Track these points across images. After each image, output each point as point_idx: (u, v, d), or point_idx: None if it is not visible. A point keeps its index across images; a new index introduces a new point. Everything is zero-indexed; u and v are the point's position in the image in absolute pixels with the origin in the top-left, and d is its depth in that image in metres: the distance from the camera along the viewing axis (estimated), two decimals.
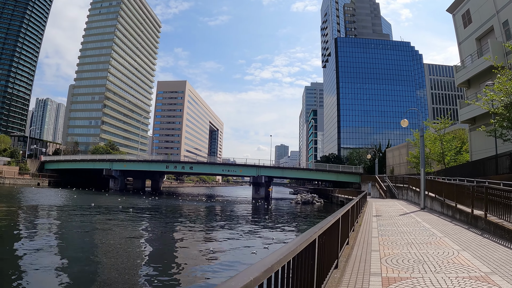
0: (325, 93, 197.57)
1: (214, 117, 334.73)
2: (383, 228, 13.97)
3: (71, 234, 23.90)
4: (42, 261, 15.23)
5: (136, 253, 18.95)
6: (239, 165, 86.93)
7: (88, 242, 21.58)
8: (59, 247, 19.16)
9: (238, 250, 20.19)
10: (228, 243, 23.33)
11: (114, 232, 25.55)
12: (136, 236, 24.67)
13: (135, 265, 16.20)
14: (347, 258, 8.37)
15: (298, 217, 42.72)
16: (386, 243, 10.41)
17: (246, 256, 18.27)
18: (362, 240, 11.13)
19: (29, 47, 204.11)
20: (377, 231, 13.22)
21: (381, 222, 16.42)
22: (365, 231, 13.08)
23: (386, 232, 12.93)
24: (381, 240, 11.09)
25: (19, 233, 22.70)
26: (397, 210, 24.09)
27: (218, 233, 27.62)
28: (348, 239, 10.17)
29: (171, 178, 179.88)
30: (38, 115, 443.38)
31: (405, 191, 40.80)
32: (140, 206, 48.52)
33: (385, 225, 15.04)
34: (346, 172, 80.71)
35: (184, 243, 23.02)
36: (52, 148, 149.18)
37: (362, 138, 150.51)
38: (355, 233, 12.60)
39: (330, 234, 6.13)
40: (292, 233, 28.05)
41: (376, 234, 12.44)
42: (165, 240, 24.72)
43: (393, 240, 10.96)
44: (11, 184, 78.68)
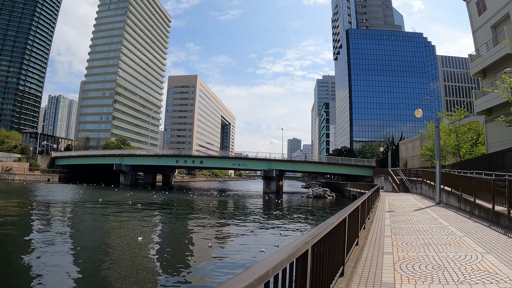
0: (337, 85, 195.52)
1: (226, 111, 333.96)
2: (396, 226, 12.95)
3: (75, 230, 23.23)
4: (49, 256, 15.46)
5: (141, 250, 18.33)
6: (249, 159, 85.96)
7: (93, 238, 20.99)
8: (64, 243, 18.68)
9: (244, 248, 19.42)
10: (235, 239, 22.62)
11: (121, 228, 25.27)
12: (143, 232, 23.80)
13: (140, 262, 15.97)
14: (355, 263, 7.38)
15: (309, 212, 41.61)
16: (400, 244, 9.40)
17: (249, 255, 17.36)
18: (373, 240, 10.14)
19: (40, 44, 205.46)
20: (390, 229, 12.21)
21: (395, 218, 15.38)
22: (377, 229, 12.08)
23: (400, 230, 11.91)
24: (394, 240, 10.08)
25: (21, 229, 22.17)
26: (411, 205, 22.99)
27: (224, 229, 26.82)
28: (357, 239, 9.20)
29: (183, 173, 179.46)
30: (51, 112, 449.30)
31: (419, 185, 39.59)
32: (149, 201, 47.84)
33: (398, 222, 14.01)
34: (358, 166, 79.26)
35: (189, 239, 22.31)
36: (63, 144, 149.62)
37: (375, 131, 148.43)
38: (366, 232, 11.62)
39: (333, 239, 5.16)
40: (301, 229, 27.02)
41: (389, 232, 11.43)
42: (171, 236, 24.11)
43: (408, 240, 9.94)
44: (21, 181, 78.83)
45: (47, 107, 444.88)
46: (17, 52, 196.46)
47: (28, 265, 14.15)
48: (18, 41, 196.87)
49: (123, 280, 12.93)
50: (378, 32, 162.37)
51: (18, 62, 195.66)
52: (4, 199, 39.55)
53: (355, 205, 8.16)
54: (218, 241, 21.98)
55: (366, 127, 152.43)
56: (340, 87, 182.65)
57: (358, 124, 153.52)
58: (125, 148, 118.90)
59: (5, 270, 13.41)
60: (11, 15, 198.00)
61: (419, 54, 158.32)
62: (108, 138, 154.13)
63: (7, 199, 40.40)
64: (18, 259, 15.09)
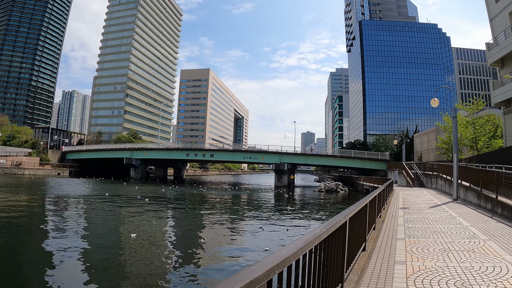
0: (350, 78, 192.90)
1: (239, 104, 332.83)
2: (411, 226, 11.59)
3: (77, 225, 22.18)
4: (58, 250, 15.54)
5: (141, 245, 17.79)
6: (260, 152, 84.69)
7: (96, 233, 20.66)
8: (65, 239, 18.27)
9: (250, 245, 18.29)
10: (241, 236, 21.72)
11: (124, 222, 24.88)
12: (144, 226, 23.23)
13: (140, 257, 15.71)
14: (359, 277, 6.08)
15: (319, 207, 40.11)
16: (415, 250, 8.06)
17: (254, 254, 16.16)
18: (384, 243, 8.82)
19: (52, 40, 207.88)
20: (403, 229, 10.87)
21: (409, 216, 14.01)
22: (389, 230, 10.77)
23: (415, 231, 10.56)
24: (408, 244, 8.74)
25: (22, 224, 21.41)
26: (426, 201, 21.54)
27: (231, 225, 25.70)
28: (365, 244, 7.90)
29: (196, 167, 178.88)
30: (65, 107, 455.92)
31: (435, 179, 38.01)
32: (156, 195, 47.04)
33: (413, 221, 12.66)
34: (371, 159, 77.45)
35: (191, 235, 21.26)
36: (76, 139, 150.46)
37: (389, 124, 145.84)
38: (377, 233, 10.32)
39: (328, 249, 3.93)
40: (310, 226, 25.72)
41: (403, 234, 10.10)
42: (174, 231, 23.42)
43: (424, 245, 8.60)
44: (31, 175, 78.86)
45: (61, 103, 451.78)
46: (29, 48, 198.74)
47: (39, 261, 14.24)
48: (30, 37, 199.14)
49: (126, 274, 12.95)
50: (391, 23, 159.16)
51: (31, 58, 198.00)
52: (9, 193, 38.96)
53: (361, 204, 6.87)
54: (223, 237, 20.94)
55: (380, 120, 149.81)
56: (353, 80, 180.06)
57: (371, 117, 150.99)
58: (136, 142, 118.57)
59: (17, 263, 13.63)
60: (22, 11, 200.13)
61: (433, 45, 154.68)
62: (120, 132, 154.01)
63: (12, 193, 39.79)
64: (26, 254, 15.29)
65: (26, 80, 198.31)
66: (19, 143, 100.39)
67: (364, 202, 7.33)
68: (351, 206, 6.03)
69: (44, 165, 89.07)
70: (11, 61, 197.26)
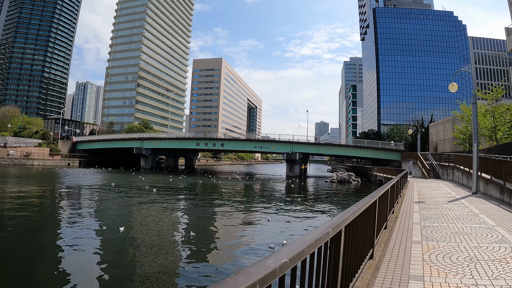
0: (364, 67, 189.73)
1: (252, 94, 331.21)
2: (428, 225, 10.16)
3: (74, 217, 21.23)
4: (62, 243, 15.55)
5: (150, 235, 17.78)
6: (272, 141, 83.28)
7: (96, 224, 20.19)
8: (71, 230, 18.23)
9: (254, 240, 17.03)
10: (246, 229, 20.48)
11: (128, 214, 24.45)
12: (153, 217, 23.08)
13: (149, 248, 15.43)
14: None
15: (330, 199, 38.43)
16: (434, 259, 6.61)
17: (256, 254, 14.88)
18: (396, 249, 7.41)
19: (63, 31, 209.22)
20: (420, 229, 9.45)
21: (425, 213, 12.56)
22: (402, 230, 9.37)
23: (433, 232, 9.13)
24: (426, 250, 7.31)
25: (28, 215, 20.93)
26: (443, 195, 20.00)
27: (237, 216, 24.59)
28: (373, 250, 6.50)
29: (208, 156, 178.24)
30: (78, 99, 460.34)
31: (451, 171, 36.29)
32: (164, 185, 46.20)
33: (430, 219, 11.21)
34: (385, 149, 75.44)
35: (191, 226, 20.12)
36: (88, 129, 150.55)
37: (403, 113, 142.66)
38: (388, 233, 8.95)
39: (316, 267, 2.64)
40: (316, 220, 24.32)
41: (419, 235, 8.69)
42: (181, 222, 22.45)
43: (446, 251, 7.14)
44: (40, 166, 78.63)
45: (75, 94, 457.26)
46: (41, 40, 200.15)
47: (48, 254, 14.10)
48: (42, 29, 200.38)
49: (134, 268, 12.76)
50: (406, 11, 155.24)
51: (43, 50, 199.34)
52: (10, 184, 38.26)
53: (367, 202, 5.45)
54: (226, 231, 19.84)
55: (394, 109, 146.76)
56: (367, 68, 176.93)
57: (386, 107, 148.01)
58: (148, 131, 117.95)
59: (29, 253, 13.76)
60: (34, 3, 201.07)
61: (449, 34, 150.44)
62: (132, 122, 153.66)
63: (15, 184, 39.10)
64: (35, 244, 15.42)
65: (39, 71, 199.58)
66: (30, 134, 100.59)
67: (371, 199, 5.91)
68: (351, 207, 4.62)
69: (54, 156, 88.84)
70: (23, 53, 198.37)
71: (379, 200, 7.00)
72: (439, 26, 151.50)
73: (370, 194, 6.39)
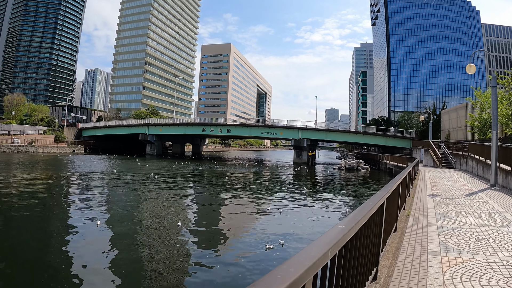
0: (375, 52, 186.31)
1: (262, 80, 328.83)
2: (446, 226, 8.58)
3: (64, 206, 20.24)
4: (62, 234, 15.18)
5: (145, 225, 17.23)
6: (279, 127, 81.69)
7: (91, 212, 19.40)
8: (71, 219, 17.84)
9: (250, 236, 15.59)
10: (242, 222, 18.90)
11: (124, 201, 24.00)
12: (148, 205, 22.41)
13: (151, 240, 14.88)
14: None
15: (334, 189, 36.42)
16: (459, 283, 5.13)
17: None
18: (408, 265, 5.81)
19: (71, 19, 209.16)
20: (437, 233, 7.90)
21: (441, 209, 11.00)
22: (416, 234, 7.84)
23: (454, 237, 7.55)
24: (447, 266, 5.65)
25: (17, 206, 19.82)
26: (459, 187, 18.35)
27: (232, 206, 23.13)
28: (376, 269, 5.02)
29: (216, 142, 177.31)
30: (88, 86, 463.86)
31: (464, 160, 34.54)
32: (166, 172, 45.14)
33: (448, 218, 9.63)
34: (395, 136, 73.30)
35: (191, 219, 18.79)
36: (96, 116, 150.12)
37: (414, 100, 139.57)
38: (398, 238, 7.48)
39: None
40: (319, 211, 22.85)
41: (436, 243, 7.10)
42: (171, 211, 20.95)
43: (473, 269, 5.50)
44: (44, 153, 78.01)
45: (84, 81, 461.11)
46: (49, 27, 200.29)
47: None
48: (49, 16, 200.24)
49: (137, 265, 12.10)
50: None
51: (50, 37, 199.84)
52: (4, 172, 37.40)
53: (369, 211, 3.86)
54: (219, 225, 18.08)
55: (405, 96, 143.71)
56: (378, 54, 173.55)
57: (396, 93, 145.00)
58: (155, 117, 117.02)
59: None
60: None
61: (462, 19, 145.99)
62: (139, 109, 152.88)
63: (8, 172, 38.23)
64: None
65: (46, 59, 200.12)
66: (35, 121, 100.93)
67: (376, 203, 4.32)
68: (348, 220, 3.10)
69: (59, 143, 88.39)
70: (31, 41, 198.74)
71: (387, 201, 5.50)
72: (452, 11, 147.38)
73: (376, 195, 4.86)
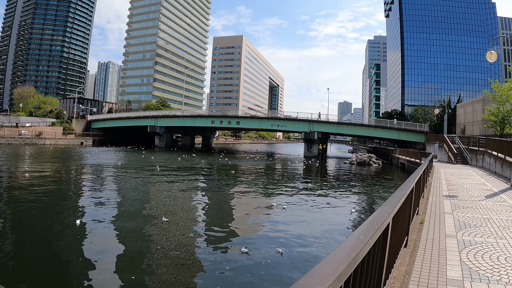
0: (388, 45, 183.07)
1: (274, 72, 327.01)
2: (469, 240, 7.06)
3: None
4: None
5: (148, 217, 16.82)
6: (289, 120, 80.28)
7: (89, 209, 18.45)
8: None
9: (254, 240, 13.89)
10: (243, 222, 17.40)
11: (124, 194, 23.69)
12: (148, 198, 22.10)
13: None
14: None
15: (343, 185, 34.06)
16: None
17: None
18: None
19: (82, 11, 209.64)
20: (457, 250, 6.38)
21: (461, 216, 9.48)
22: (431, 252, 6.42)
23: (479, 256, 6.01)
24: None
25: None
26: (477, 186, 16.73)
27: (232, 204, 21.89)
28: None
29: (228, 135, 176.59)
30: (101, 78, 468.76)
31: (481, 156, 32.78)
32: (172, 165, 44.36)
33: (470, 228, 8.10)
34: (409, 130, 71.20)
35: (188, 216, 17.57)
36: (107, 108, 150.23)
37: (428, 94, 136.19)
38: (409, 256, 6.06)
39: None
40: (321, 213, 21.31)
41: (458, 266, 5.59)
42: (181, 206, 20.40)
43: None
44: (52, 145, 78.12)
45: (97, 74, 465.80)
46: (60, 20, 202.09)
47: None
48: (60, 9, 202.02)
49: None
50: None
51: (61, 30, 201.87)
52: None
53: (368, 242, 2.53)
54: (217, 226, 16.67)
55: (419, 89, 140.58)
56: (391, 46, 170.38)
57: (410, 87, 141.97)
58: (165, 109, 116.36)
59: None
60: None
61: (478, 11, 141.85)
62: (150, 101, 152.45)
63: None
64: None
65: (58, 52, 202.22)
66: (44, 113, 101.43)
67: (376, 229, 2.99)
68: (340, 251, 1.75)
69: (67, 135, 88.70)
70: (42, 34, 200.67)
71: (394, 219, 4.10)
72: (467, 3, 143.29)
73: (379, 212, 3.48)
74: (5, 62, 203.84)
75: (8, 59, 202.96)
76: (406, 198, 5.38)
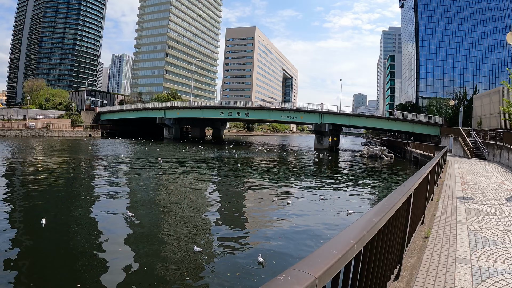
0: (403, 35, 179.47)
1: (288, 64, 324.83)
2: (487, 268, 5.37)
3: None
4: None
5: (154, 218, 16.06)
6: (299, 111, 78.54)
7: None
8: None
9: (248, 240, 12.83)
10: (243, 221, 16.10)
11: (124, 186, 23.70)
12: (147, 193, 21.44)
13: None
14: None
15: (349, 182, 31.59)
16: None
17: None
18: None
19: (94, 4, 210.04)
20: (471, 284, 4.90)
21: (477, 227, 7.75)
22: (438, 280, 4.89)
23: None
24: None
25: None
26: (495, 185, 14.95)
27: (231, 198, 20.64)
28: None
29: (240, 127, 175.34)
30: (115, 71, 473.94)
31: (498, 151, 30.86)
32: (176, 157, 43.52)
33: (489, 245, 6.44)
34: (423, 123, 68.89)
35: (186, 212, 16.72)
36: (118, 100, 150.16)
37: (444, 86, 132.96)
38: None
39: None
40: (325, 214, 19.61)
41: None
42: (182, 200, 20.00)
43: None
44: (59, 137, 78.03)
45: (111, 66, 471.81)
46: (72, 13, 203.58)
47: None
48: (72, 2, 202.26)
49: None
50: None
51: (74, 23, 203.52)
52: None
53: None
54: (215, 224, 15.32)
55: (434, 81, 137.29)
56: (406, 37, 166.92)
57: (425, 78, 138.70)
58: (176, 101, 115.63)
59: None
60: None
61: (495, 0, 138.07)
62: (161, 92, 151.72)
63: None
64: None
65: (70, 45, 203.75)
66: (53, 105, 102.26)
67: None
68: None
69: (75, 127, 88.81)
70: (54, 27, 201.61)
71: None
72: None
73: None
74: (18, 56, 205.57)
75: (21, 53, 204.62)
76: (399, 209, 3.82)
